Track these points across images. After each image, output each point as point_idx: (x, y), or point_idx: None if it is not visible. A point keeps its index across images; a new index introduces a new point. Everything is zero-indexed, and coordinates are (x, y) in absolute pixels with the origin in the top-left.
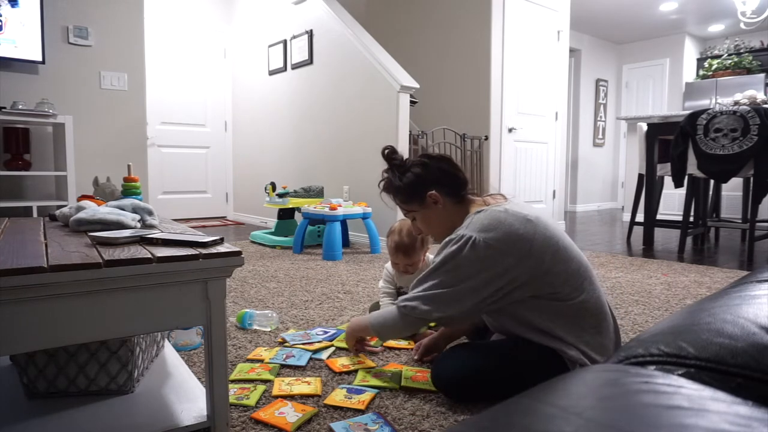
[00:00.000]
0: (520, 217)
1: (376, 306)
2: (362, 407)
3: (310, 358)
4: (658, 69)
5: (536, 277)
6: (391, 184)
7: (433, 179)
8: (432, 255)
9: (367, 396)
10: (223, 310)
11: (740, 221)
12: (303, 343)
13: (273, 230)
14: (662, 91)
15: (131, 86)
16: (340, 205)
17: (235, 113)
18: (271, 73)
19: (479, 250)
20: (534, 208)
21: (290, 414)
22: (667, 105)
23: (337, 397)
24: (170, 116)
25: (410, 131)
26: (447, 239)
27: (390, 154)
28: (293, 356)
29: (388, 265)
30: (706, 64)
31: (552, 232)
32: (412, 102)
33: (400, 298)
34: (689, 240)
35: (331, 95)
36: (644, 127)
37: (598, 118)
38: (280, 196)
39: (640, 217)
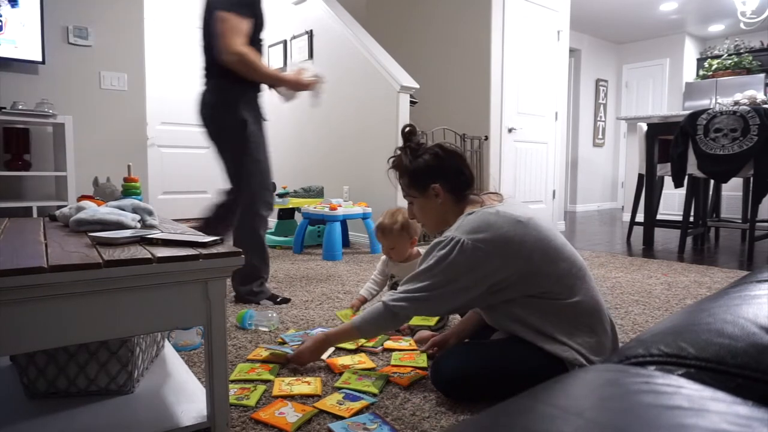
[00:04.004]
0: (511, 218)
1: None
2: (347, 415)
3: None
4: (658, 69)
5: (526, 277)
6: (400, 164)
7: (441, 172)
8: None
9: (359, 404)
10: (223, 310)
11: (740, 221)
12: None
13: (273, 230)
14: (662, 91)
15: (131, 86)
16: (340, 205)
17: None
18: None
19: (467, 252)
20: (529, 209)
21: (290, 414)
22: (667, 105)
23: (329, 401)
24: (170, 116)
25: None
26: (436, 241)
27: (408, 134)
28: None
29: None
30: (706, 64)
31: (544, 233)
32: (412, 102)
33: (389, 295)
34: (689, 240)
35: (331, 95)
36: (644, 127)
37: (598, 118)
38: (280, 196)
39: (640, 217)
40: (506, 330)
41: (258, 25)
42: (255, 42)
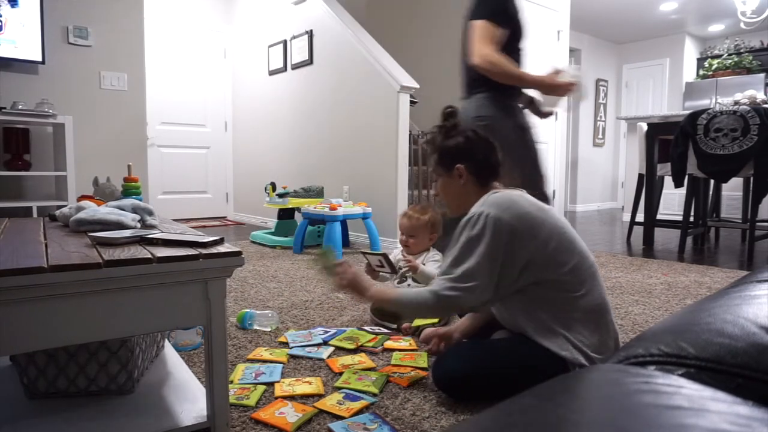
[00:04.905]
0: (534, 202)
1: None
2: (347, 415)
3: (283, 371)
4: (658, 69)
5: (538, 262)
6: (434, 140)
7: (469, 155)
8: (435, 250)
9: (359, 404)
10: (223, 310)
11: (740, 221)
12: (304, 345)
13: (273, 230)
14: (662, 91)
15: (131, 86)
16: (340, 205)
17: (235, 113)
18: (271, 73)
19: (495, 226)
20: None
21: (290, 414)
22: (667, 105)
23: (329, 401)
24: (170, 116)
25: (410, 131)
26: (465, 219)
27: (447, 115)
28: (263, 373)
29: (398, 249)
30: (706, 64)
31: (561, 222)
32: (412, 102)
33: (438, 283)
34: (689, 240)
35: (331, 95)
36: (644, 127)
37: (598, 118)
38: (280, 196)
39: (640, 217)
40: (510, 324)
41: (516, 33)
42: (513, 51)
